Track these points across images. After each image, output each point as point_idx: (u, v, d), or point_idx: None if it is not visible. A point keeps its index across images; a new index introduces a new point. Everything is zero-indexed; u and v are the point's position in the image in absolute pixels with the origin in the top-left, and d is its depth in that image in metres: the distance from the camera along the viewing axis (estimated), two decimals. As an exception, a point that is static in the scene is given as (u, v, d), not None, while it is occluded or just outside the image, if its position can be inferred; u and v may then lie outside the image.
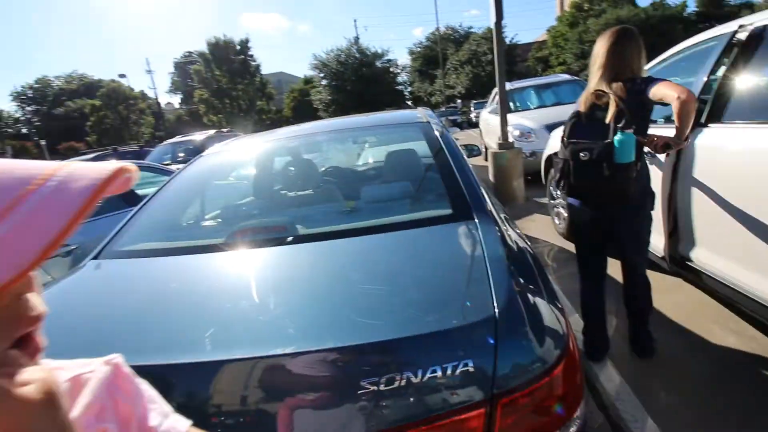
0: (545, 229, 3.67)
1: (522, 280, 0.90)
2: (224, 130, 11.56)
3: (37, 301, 0.29)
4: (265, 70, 36.86)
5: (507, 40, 29.86)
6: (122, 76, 38.46)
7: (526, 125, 5.64)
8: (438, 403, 0.70)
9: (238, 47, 32.83)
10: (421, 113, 2.04)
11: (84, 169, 0.28)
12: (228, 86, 32.05)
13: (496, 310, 0.77)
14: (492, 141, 5.95)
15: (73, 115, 37.87)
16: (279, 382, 0.73)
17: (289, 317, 0.87)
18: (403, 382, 0.70)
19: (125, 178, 0.28)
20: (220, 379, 0.74)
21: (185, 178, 1.80)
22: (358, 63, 31.89)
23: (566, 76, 7.42)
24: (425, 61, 36.50)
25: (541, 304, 0.85)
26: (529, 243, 1.25)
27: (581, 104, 1.68)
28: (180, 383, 0.74)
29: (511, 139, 5.12)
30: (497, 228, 1.13)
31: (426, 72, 36.23)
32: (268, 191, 2.03)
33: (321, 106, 31.82)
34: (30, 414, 0.25)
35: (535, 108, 6.52)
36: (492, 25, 4.91)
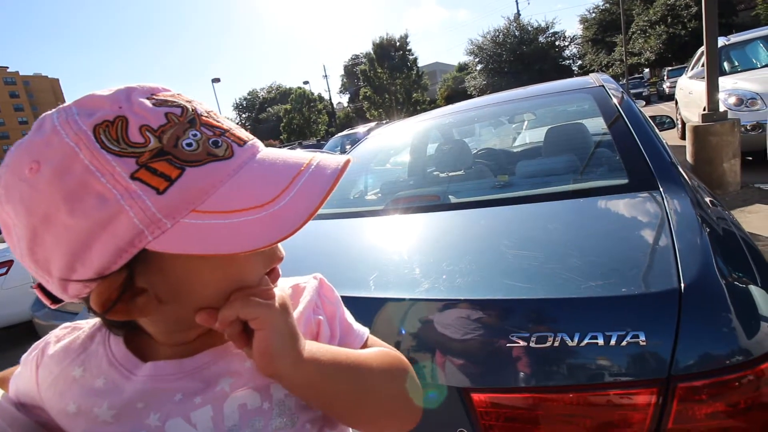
0: (772, 222, 2.78)
1: (722, 255, 0.73)
2: (384, 122, 13.10)
3: (281, 248, 0.43)
4: (422, 62, 38.11)
5: (723, -16, 23.05)
6: (306, 82, 45.50)
7: (749, 89, 4.31)
8: (595, 372, 0.64)
9: (398, 43, 34.84)
10: (594, 78, 1.80)
11: (329, 158, 0.38)
12: (387, 82, 34.46)
13: (682, 282, 0.65)
14: (693, 113, 4.78)
15: (272, 119, 47.44)
16: (431, 324, 0.80)
17: (441, 270, 0.92)
18: (556, 344, 0.67)
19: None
20: (380, 313, 0.84)
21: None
22: (516, 42, 29.81)
23: None
24: (601, 29, 31.47)
25: (750, 285, 0.68)
26: (738, 223, 0.99)
27: None
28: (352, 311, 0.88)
29: (722, 108, 4.01)
30: (690, 198, 0.93)
31: (602, 41, 31.24)
32: (421, 171, 2.14)
33: (475, 92, 31.06)
34: (276, 313, 0.37)
35: (763, 67, 4.91)
36: (699, -36, 3.89)
